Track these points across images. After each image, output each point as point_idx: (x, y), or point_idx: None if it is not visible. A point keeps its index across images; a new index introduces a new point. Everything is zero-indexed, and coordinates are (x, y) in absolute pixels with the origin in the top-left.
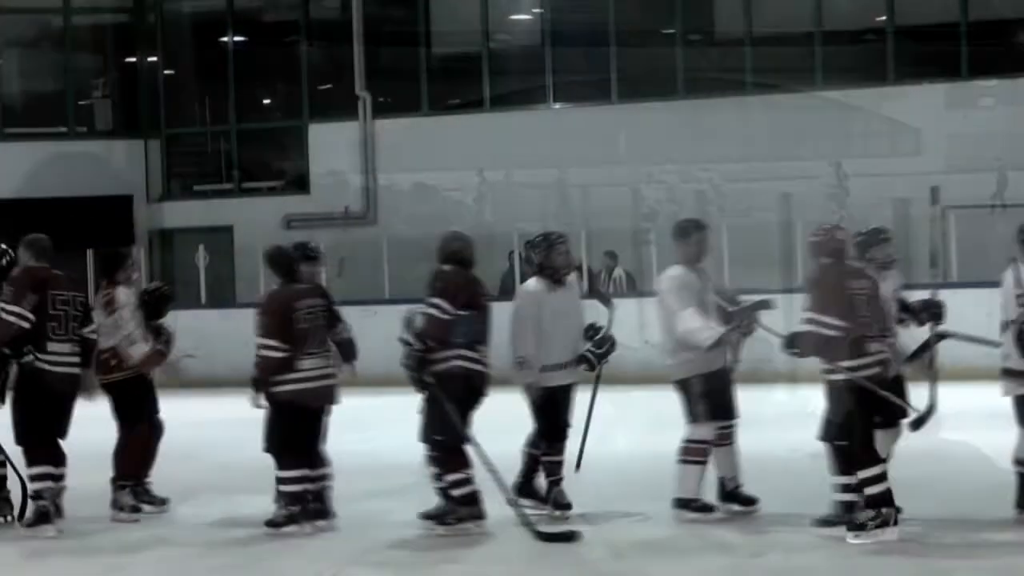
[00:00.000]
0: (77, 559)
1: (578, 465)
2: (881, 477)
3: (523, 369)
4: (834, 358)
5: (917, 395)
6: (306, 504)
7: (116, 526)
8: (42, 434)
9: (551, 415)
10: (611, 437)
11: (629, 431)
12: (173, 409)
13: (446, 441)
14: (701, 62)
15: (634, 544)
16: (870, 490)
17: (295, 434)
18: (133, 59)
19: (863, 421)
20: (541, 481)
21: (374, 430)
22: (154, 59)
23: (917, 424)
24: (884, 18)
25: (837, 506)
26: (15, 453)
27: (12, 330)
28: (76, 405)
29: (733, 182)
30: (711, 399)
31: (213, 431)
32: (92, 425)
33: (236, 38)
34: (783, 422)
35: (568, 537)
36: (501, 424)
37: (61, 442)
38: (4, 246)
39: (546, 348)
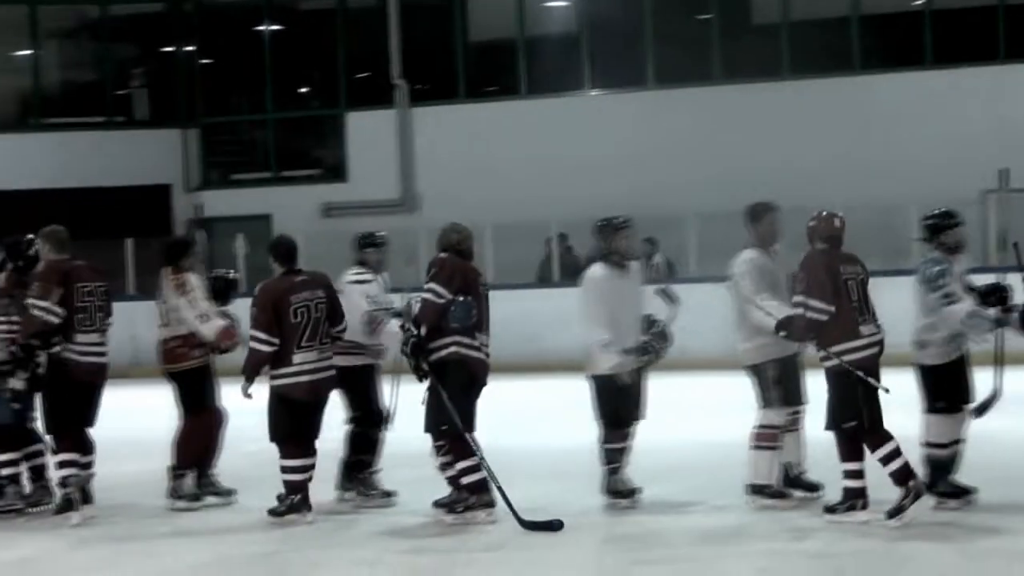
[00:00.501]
0: (121, 546)
1: None
2: (896, 453)
3: (606, 353)
4: (824, 343)
5: (982, 380)
6: (306, 494)
7: (157, 514)
8: (70, 423)
9: (612, 401)
10: (656, 424)
11: (674, 417)
12: None
13: (451, 430)
14: (737, 47)
15: (675, 530)
16: (890, 467)
17: (295, 425)
18: (171, 48)
19: (868, 402)
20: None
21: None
22: (191, 48)
23: (981, 410)
24: (921, 1)
25: (843, 493)
26: None
27: (41, 324)
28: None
29: (770, 167)
30: (784, 384)
31: (252, 419)
32: (139, 414)
33: (273, 27)
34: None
35: (552, 526)
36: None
37: (91, 431)
38: (30, 236)
39: (612, 334)
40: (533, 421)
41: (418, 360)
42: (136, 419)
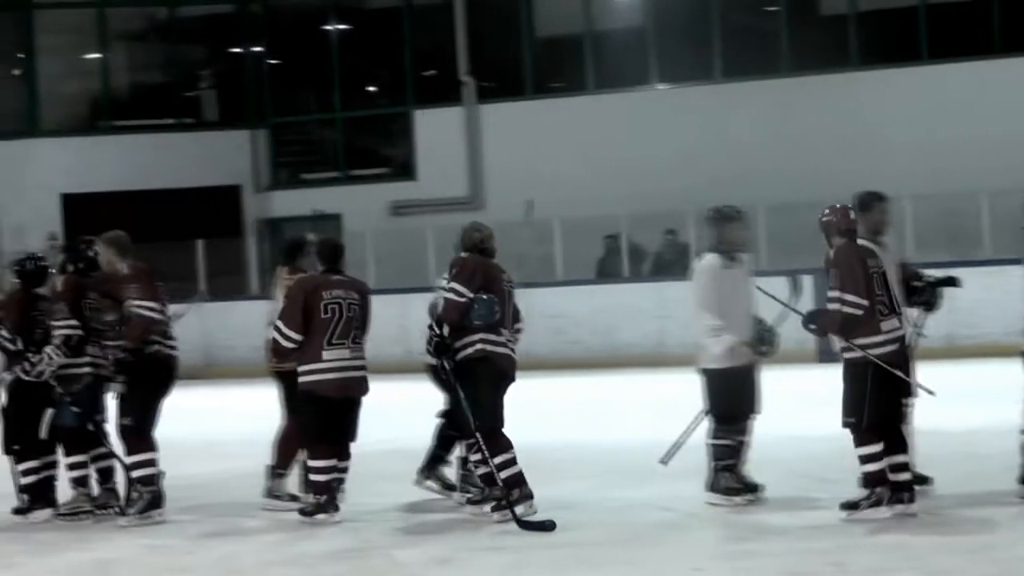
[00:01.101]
0: (198, 545)
1: (666, 459)
2: (878, 456)
3: (717, 340)
4: (852, 336)
5: None
6: (333, 494)
7: (234, 513)
8: (153, 421)
9: (725, 394)
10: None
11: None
12: None
13: (482, 426)
14: (805, 39)
15: (745, 525)
16: (866, 468)
17: (323, 424)
18: (239, 50)
19: (874, 399)
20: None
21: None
22: (259, 49)
23: None
24: None
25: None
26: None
27: (157, 323)
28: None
29: (838, 158)
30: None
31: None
32: (212, 415)
33: (340, 26)
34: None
35: (545, 526)
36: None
37: None
38: (89, 238)
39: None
40: (604, 416)
41: (442, 360)
42: (209, 420)
